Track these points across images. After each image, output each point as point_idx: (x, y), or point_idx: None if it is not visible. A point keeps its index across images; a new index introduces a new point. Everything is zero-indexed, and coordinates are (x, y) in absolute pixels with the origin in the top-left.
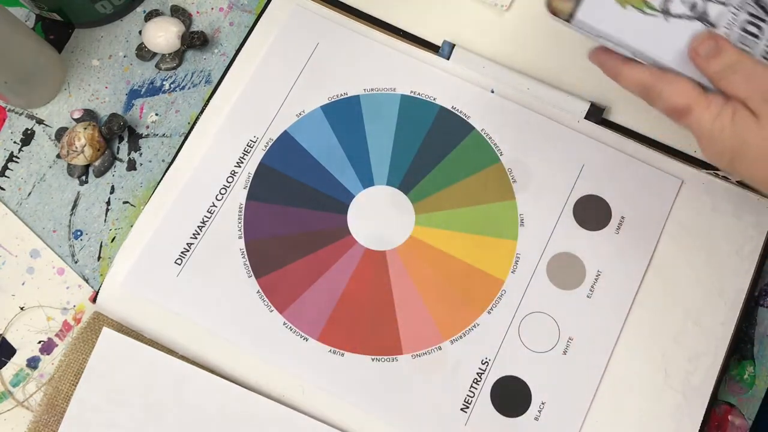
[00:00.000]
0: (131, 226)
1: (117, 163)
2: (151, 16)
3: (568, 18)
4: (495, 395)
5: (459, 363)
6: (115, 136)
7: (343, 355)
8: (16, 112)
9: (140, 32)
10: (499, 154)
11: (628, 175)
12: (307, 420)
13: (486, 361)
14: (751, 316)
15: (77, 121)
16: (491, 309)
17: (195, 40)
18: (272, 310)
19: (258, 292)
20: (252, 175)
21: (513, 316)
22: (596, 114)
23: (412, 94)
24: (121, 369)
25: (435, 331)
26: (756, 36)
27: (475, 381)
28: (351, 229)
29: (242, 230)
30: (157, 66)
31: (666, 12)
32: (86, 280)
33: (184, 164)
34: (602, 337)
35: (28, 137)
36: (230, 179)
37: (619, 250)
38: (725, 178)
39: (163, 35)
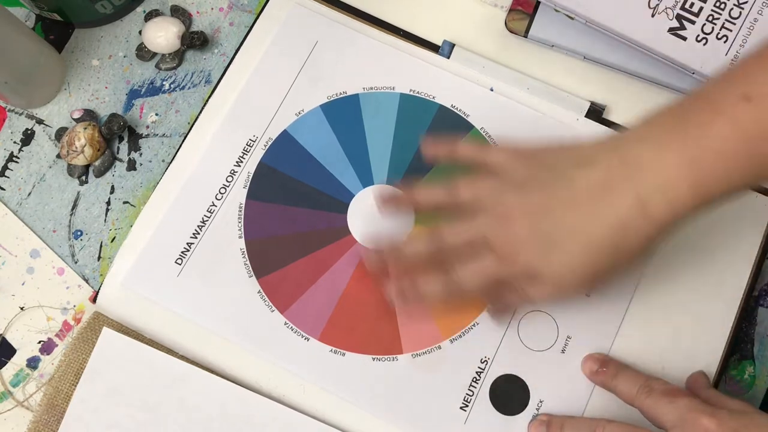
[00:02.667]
0: (131, 226)
1: (117, 163)
2: (151, 16)
3: (525, 34)
4: (494, 394)
5: (458, 362)
6: (115, 136)
7: (344, 354)
8: (16, 112)
9: (140, 32)
10: None
11: None
12: (308, 420)
13: (485, 360)
14: (751, 316)
15: (77, 121)
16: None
17: (195, 40)
18: (273, 310)
19: (259, 292)
20: (252, 175)
21: (512, 314)
22: (596, 113)
23: (411, 93)
24: (121, 369)
25: (435, 330)
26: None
27: (474, 380)
28: (351, 229)
29: (242, 230)
30: (157, 66)
31: None
32: (86, 280)
33: (184, 164)
34: (600, 335)
35: (28, 137)
36: (230, 178)
37: None
38: None
39: (163, 35)
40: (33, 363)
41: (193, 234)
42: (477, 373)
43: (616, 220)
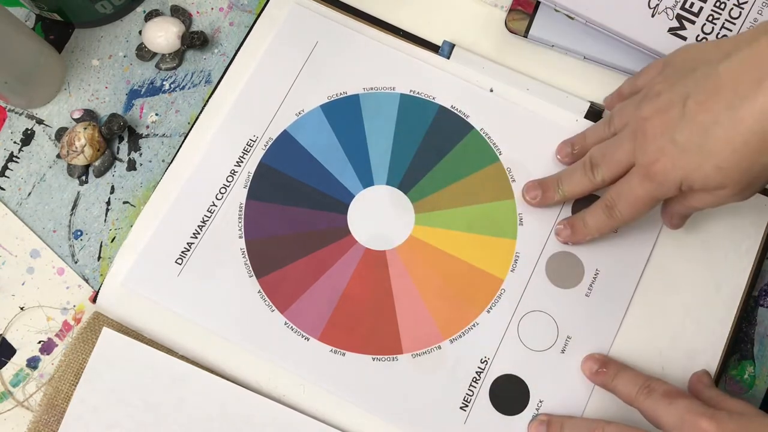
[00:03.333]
0: (131, 226)
1: (117, 163)
2: (151, 16)
3: (525, 34)
4: (494, 394)
5: (458, 362)
6: (115, 136)
7: (344, 354)
8: (16, 112)
9: (140, 32)
10: (498, 154)
11: None
12: (307, 420)
13: (485, 360)
14: (751, 316)
15: (77, 121)
16: (490, 308)
17: (195, 40)
18: (273, 310)
19: (259, 291)
20: (252, 175)
21: (512, 314)
22: (595, 114)
23: (411, 94)
24: (121, 369)
25: (435, 330)
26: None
27: (474, 380)
28: (351, 229)
29: (242, 230)
30: (157, 66)
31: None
32: (86, 280)
33: (184, 164)
34: (600, 335)
35: (28, 137)
36: (230, 178)
37: (618, 249)
38: None
39: (163, 35)
40: (33, 363)
41: (193, 234)
42: (477, 373)
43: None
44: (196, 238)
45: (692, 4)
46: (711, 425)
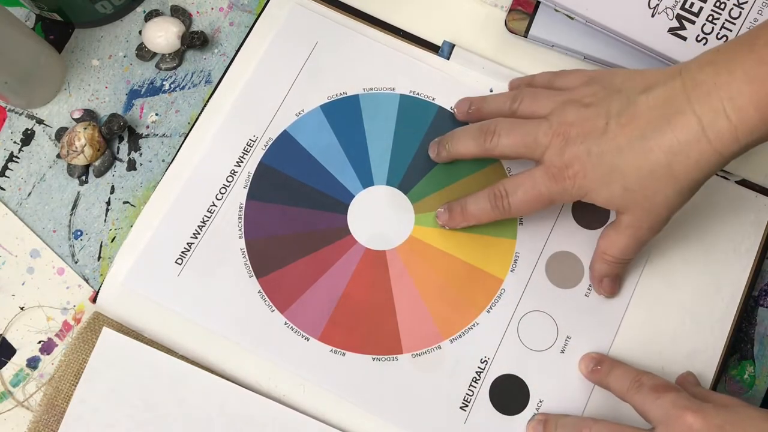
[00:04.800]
0: (131, 226)
1: (117, 163)
2: (151, 16)
3: (525, 34)
4: (494, 394)
5: (458, 362)
6: (115, 136)
7: (344, 354)
8: (16, 112)
9: (140, 32)
10: None
11: None
12: (307, 420)
13: (485, 360)
14: (751, 316)
15: (77, 121)
16: (490, 308)
17: (195, 40)
18: (273, 310)
19: (259, 291)
20: (252, 175)
21: (512, 314)
22: None
23: (411, 94)
24: (121, 369)
25: (434, 330)
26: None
27: (474, 380)
28: (351, 229)
29: (242, 230)
30: (157, 66)
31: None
32: (86, 280)
33: (184, 164)
34: (600, 335)
35: (28, 137)
36: (230, 179)
37: None
38: (724, 177)
39: (163, 35)
40: (33, 363)
41: (194, 234)
42: (477, 373)
43: (675, 143)
44: (196, 238)
45: (692, 4)
46: (696, 419)
